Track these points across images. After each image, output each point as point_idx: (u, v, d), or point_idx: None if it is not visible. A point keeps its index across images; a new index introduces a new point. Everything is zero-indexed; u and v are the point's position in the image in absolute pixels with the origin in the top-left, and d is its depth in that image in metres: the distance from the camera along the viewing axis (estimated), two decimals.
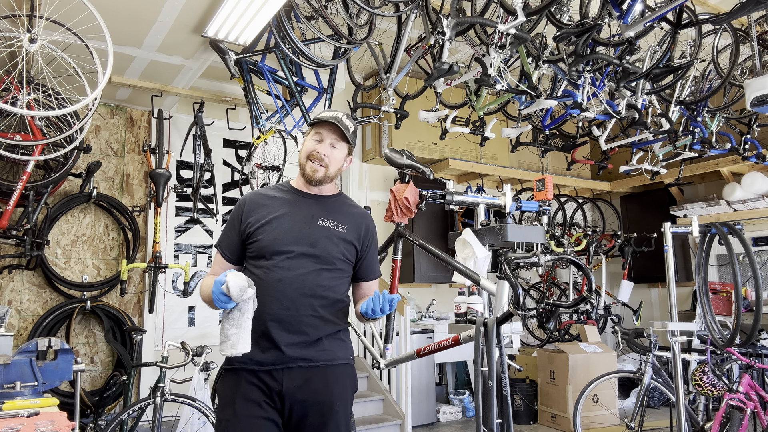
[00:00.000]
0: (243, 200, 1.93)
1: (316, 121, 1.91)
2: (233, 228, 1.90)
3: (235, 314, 1.62)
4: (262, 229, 1.84)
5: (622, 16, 2.94)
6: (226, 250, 1.90)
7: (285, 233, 1.84)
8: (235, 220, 1.89)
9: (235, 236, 1.89)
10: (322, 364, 1.81)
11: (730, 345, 3.19)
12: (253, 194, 1.95)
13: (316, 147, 1.89)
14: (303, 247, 1.83)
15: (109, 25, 3.24)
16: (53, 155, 3.82)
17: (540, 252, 1.87)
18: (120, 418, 3.35)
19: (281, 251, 1.82)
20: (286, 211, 1.88)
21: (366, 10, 3.36)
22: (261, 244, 1.83)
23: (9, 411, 1.81)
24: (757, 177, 5.58)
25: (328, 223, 1.90)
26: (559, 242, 6.08)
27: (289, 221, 1.86)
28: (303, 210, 1.90)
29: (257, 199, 1.91)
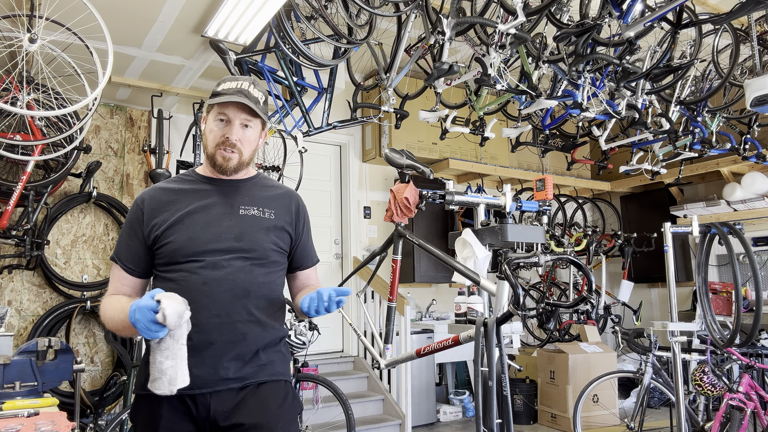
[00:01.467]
0: (140, 200, 1.60)
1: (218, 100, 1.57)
2: (133, 235, 1.57)
3: (167, 343, 1.32)
4: (172, 229, 1.54)
5: (622, 16, 2.95)
6: (128, 263, 1.57)
7: (201, 230, 1.55)
8: (135, 225, 1.57)
9: (137, 244, 1.56)
10: (257, 381, 1.54)
11: (730, 345, 3.19)
12: (152, 190, 1.63)
13: (224, 132, 1.59)
14: (227, 243, 1.55)
15: (109, 25, 3.24)
16: (53, 155, 3.82)
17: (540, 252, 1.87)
18: (120, 418, 3.35)
19: (201, 251, 1.53)
20: (198, 204, 1.59)
21: (366, 10, 3.36)
22: (173, 246, 1.53)
23: (9, 411, 1.82)
24: (757, 177, 5.58)
25: (253, 211, 1.63)
26: (559, 242, 6.08)
27: (204, 216, 1.57)
28: (219, 200, 1.61)
29: (158, 196, 1.60)
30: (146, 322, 1.29)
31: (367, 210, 5.97)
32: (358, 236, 5.85)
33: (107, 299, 1.55)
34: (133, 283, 1.59)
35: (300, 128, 4.28)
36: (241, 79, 1.63)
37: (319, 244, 5.70)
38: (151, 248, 1.56)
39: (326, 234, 5.80)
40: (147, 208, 1.58)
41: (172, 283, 1.51)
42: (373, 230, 5.97)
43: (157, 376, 1.33)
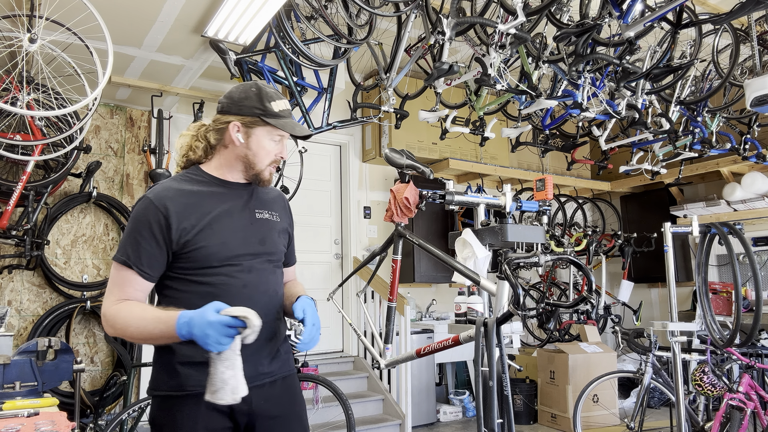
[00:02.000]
0: (159, 202, 1.51)
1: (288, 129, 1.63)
2: (152, 240, 1.49)
3: (227, 354, 1.34)
4: (203, 234, 1.52)
5: (622, 16, 2.95)
6: (147, 268, 1.49)
7: (232, 234, 1.57)
8: (155, 229, 1.49)
9: (157, 250, 1.49)
10: (282, 375, 1.64)
11: (730, 345, 3.19)
12: (166, 192, 1.54)
13: (278, 151, 1.65)
14: (254, 247, 1.60)
15: (109, 25, 3.24)
16: (53, 155, 3.82)
17: (540, 252, 1.87)
18: (120, 418, 3.35)
19: (235, 255, 1.56)
20: (222, 208, 1.59)
21: (366, 10, 3.36)
22: (208, 251, 1.52)
23: (9, 411, 1.82)
24: (757, 177, 5.58)
25: (265, 215, 1.67)
26: (559, 242, 6.08)
27: (230, 220, 1.58)
28: (237, 204, 1.62)
29: (179, 198, 1.54)
30: (220, 336, 1.31)
31: (367, 210, 5.97)
32: (358, 236, 5.85)
33: (123, 305, 1.46)
34: (147, 288, 1.52)
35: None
36: (283, 97, 1.65)
37: (319, 244, 5.70)
38: (175, 253, 1.52)
39: (326, 234, 5.79)
40: (172, 212, 1.51)
41: (209, 286, 1.52)
42: (373, 230, 5.97)
43: (219, 387, 1.34)
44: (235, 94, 1.63)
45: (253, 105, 1.59)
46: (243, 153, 1.61)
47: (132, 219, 1.53)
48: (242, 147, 1.61)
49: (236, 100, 1.61)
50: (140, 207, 1.52)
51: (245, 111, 1.59)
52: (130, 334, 1.44)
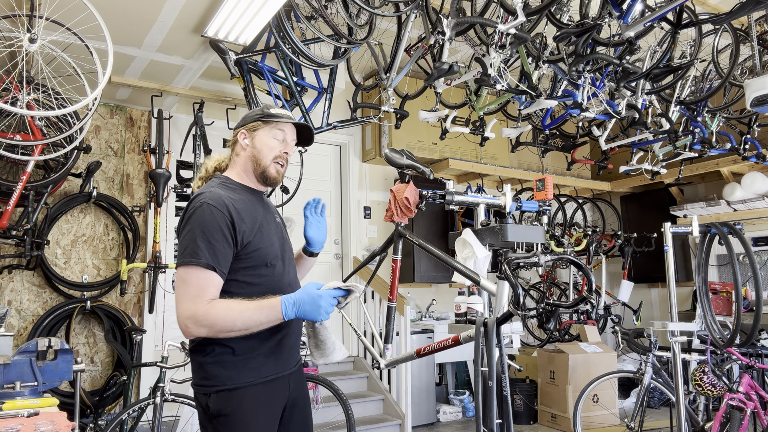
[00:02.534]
0: (218, 206, 1.64)
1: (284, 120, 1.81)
2: (224, 241, 1.61)
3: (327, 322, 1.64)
4: (258, 236, 1.70)
5: (622, 16, 2.95)
6: (225, 268, 1.62)
7: (272, 237, 1.77)
8: (225, 230, 1.62)
9: (229, 250, 1.63)
10: (300, 364, 1.88)
11: (730, 345, 3.19)
12: (221, 197, 1.68)
13: (282, 147, 1.82)
14: (283, 247, 1.83)
15: (109, 25, 3.24)
16: (53, 155, 3.82)
17: (540, 252, 1.87)
18: (120, 418, 3.35)
19: (276, 256, 1.75)
20: (260, 212, 1.78)
21: (366, 10, 3.36)
22: (262, 252, 1.69)
23: (9, 411, 1.81)
24: (757, 177, 5.58)
25: (278, 219, 1.91)
26: (559, 242, 6.08)
27: (267, 224, 1.78)
28: (264, 210, 1.83)
29: (233, 203, 1.68)
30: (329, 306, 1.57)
31: (367, 210, 5.97)
32: (358, 236, 5.85)
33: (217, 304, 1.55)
34: (221, 286, 1.62)
35: None
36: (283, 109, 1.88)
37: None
38: (237, 253, 1.65)
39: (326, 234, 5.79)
40: (234, 214, 1.65)
41: (260, 287, 1.68)
42: (373, 230, 5.97)
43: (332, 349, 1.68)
44: (246, 115, 1.89)
45: (255, 114, 1.84)
46: (250, 153, 1.82)
47: (198, 223, 1.61)
48: (249, 148, 1.82)
49: (244, 117, 1.88)
50: (205, 212, 1.62)
51: (249, 120, 1.85)
52: (237, 328, 1.55)
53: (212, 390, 1.63)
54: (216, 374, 1.64)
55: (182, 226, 1.67)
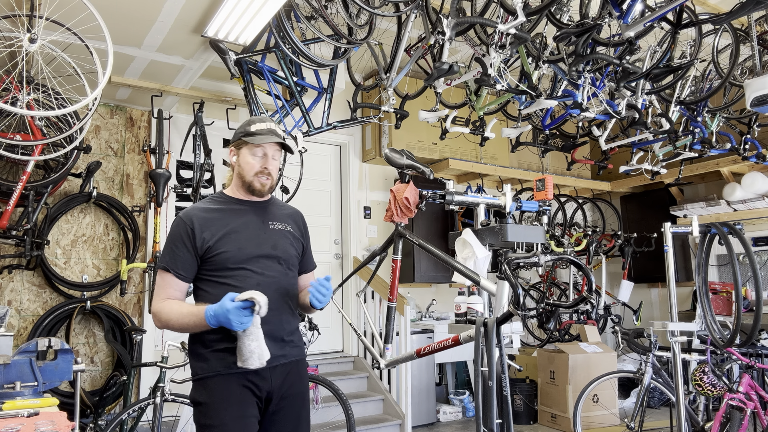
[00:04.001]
0: (187, 218, 1.90)
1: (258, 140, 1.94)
2: (183, 248, 1.87)
3: (251, 329, 1.70)
4: (222, 241, 1.88)
5: (622, 16, 2.95)
6: (182, 271, 1.87)
7: (246, 241, 1.91)
8: (185, 239, 1.87)
9: (188, 255, 1.87)
10: (295, 359, 1.97)
11: (730, 345, 3.19)
12: (192, 211, 1.93)
13: (262, 163, 1.97)
14: (266, 250, 1.94)
15: (109, 25, 3.24)
16: (53, 155, 3.82)
17: (540, 252, 1.87)
18: (120, 418, 3.35)
19: (248, 258, 1.90)
20: (239, 221, 1.95)
21: (366, 10, 3.36)
22: (226, 255, 1.87)
23: (9, 411, 1.81)
24: (757, 177, 5.58)
25: (278, 226, 2.03)
26: (559, 242, 6.08)
27: (245, 230, 1.94)
28: (253, 218, 1.99)
29: (200, 215, 1.92)
30: (240, 318, 1.67)
31: (367, 210, 5.97)
32: (358, 236, 5.85)
33: (166, 304, 1.83)
34: (183, 288, 1.89)
35: (300, 128, 4.28)
36: (267, 120, 2.00)
37: (319, 244, 5.70)
38: (202, 257, 1.88)
39: (326, 234, 5.80)
40: (195, 225, 1.88)
41: (229, 286, 1.82)
42: (373, 230, 5.97)
43: (247, 356, 1.71)
44: (236, 131, 2.03)
45: (240, 132, 1.99)
46: (237, 171, 2.02)
47: (169, 234, 1.92)
48: (236, 166, 2.02)
49: (235, 133, 2.02)
50: (174, 224, 1.92)
51: (235, 138, 2.01)
52: (173, 326, 1.81)
53: (194, 379, 1.87)
54: (194, 365, 1.88)
55: None
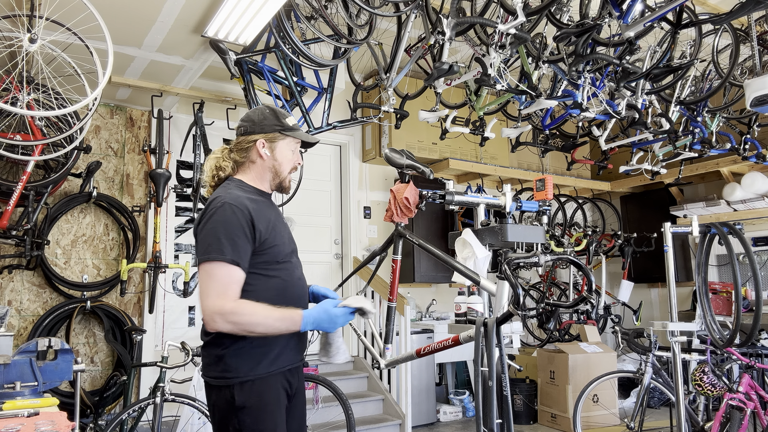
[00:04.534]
0: (240, 206, 1.74)
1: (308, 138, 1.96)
2: (244, 238, 1.71)
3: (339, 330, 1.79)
4: (273, 234, 1.80)
5: (622, 16, 2.94)
6: (246, 264, 1.72)
7: (284, 236, 1.89)
8: (246, 229, 1.72)
9: (248, 247, 1.73)
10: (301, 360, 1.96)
11: (730, 345, 3.19)
12: (240, 198, 1.78)
13: (297, 159, 1.96)
14: (293, 246, 1.95)
15: (109, 25, 3.24)
16: (53, 155, 3.82)
17: (540, 252, 1.87)
18: (120, 418, 3.35)
19: (290, 252, 1.89)
20: (272, 214, 1.89)
21: (366, 10, 3.36)
22: (277, 249, 1.81)
23: (9, 411, 1.81)
24: (757, 177, 5.58)
25: (285, 220, 2.03)
26: (559, 242, 6.08)
27: (280, 224, 1.90)
28: (277, 211, 1.97)
29: (250, 204, 1.78)
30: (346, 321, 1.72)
31: (367, 210, 5.97)
32: (358, 236, 5.85)
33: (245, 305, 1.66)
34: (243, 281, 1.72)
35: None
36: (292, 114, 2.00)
37: (319, 244, 5.70)
38: (255, 250, 1.75)
39: (326, 234, 5.79)
40: (253, 215, 1.75)
41: (277, 279, 1.80)
42: (373, 230, 5.97)
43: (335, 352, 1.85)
44: (255, 117, 1.91)
45: (273, 123, 1.89)
46: (271, 164, 1.90)
47: (221, 222, 1.70)
48: (269, 159, 1.90)
49: (257, 121, 1.89)
50: (227, 212, 1.71)
51: (267, 129, 1.89)
52: (255, 330, 1.66)
53: (235, 381, 1.70)
54: (237, 366, 1.71)
55: (202, 225, 1.75)
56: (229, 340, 1.71)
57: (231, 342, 1.71)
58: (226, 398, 1.71)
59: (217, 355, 1.73)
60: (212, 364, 1.75)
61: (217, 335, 1.72)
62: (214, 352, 1.74)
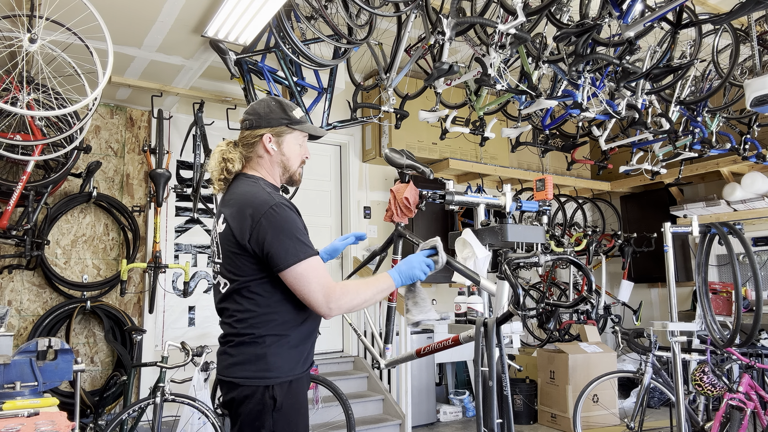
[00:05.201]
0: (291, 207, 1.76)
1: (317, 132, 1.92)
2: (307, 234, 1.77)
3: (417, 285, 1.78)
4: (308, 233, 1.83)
5: (622, 16, 2.94)
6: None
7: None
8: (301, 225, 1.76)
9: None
10: None
11: (730, 345, 3.19)
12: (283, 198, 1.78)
13: (305, 152, 1.92)
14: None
15: (109, 25, 3.24)
16: (53, 155, 3.82)
17: (540, 252, 1.87)
18: (120, 418, 3.35)
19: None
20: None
21: (366, 10, 3.36)
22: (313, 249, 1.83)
23: (9, 411, 1.81)
24: (757, 177, 5.58)
25: None
26: (559, 242, 6.08)
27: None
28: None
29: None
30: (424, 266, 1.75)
31: (367, 210, 5.97)
32: None
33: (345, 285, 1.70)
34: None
35: None
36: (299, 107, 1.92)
37: (319, 244, 5.67)
38: None
39: (326, 234, 5.79)
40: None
41: None
42: (373, 230, 5.97)
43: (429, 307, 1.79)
44: (260, 110, 1.83)
45: (279, 116, 1.82)
46: (279, 159, 1.85)
47: (287, 222, 1.69)
48: (277, 154, 1.84)
49: (263, 115, 1.82)
50: (287, 212, 1.71)
51: (274, 123, 1.82)
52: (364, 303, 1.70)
53: (276, 381, 1.67)
54: (279, 365, 1.68)
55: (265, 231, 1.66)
56: (271, 338, 1.68)
57: (273, 340, 1.68)
58: (262, 399, 1.65)
59: (256, 353, 1.68)
60: (247, 362, 1.68)
61: (255, 333, 1.68)
62: (252, 350, 1.68)
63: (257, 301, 1.69)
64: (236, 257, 1.70)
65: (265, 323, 1.68)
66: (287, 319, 1.71)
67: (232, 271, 1.72)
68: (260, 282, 1.70)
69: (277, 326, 1.69)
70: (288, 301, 1.71)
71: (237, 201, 1.74)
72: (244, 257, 1.69)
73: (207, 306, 4.95)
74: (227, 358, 1.73)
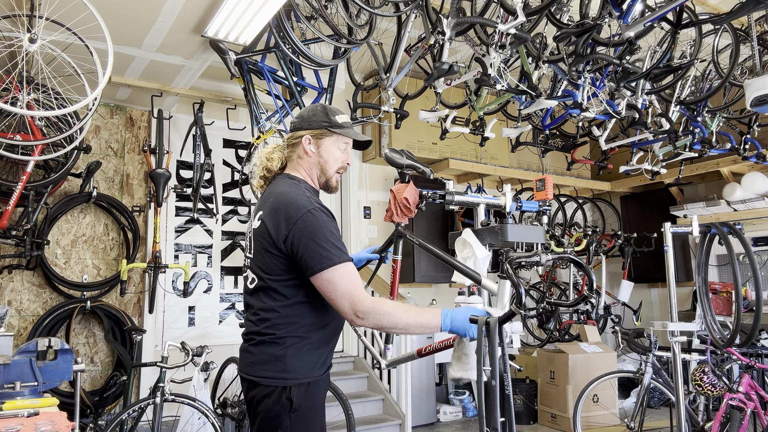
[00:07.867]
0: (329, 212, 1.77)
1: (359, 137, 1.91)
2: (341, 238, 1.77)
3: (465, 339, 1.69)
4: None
5: (622, 16, 2.95)
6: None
7: None
8: (336, 231, 1.74)
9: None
10: None
11: (730, 345, 3.19)
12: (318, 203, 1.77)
13: (346, 158, 1.90)
14: None
15: (109, 25, 3.24)
16: (53, 155, 3.82)
17: (540, 252, 1.87)
18: (120, 418, 3.35)
19: None
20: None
21: (366, 10, 3.36)
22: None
23: (9, 411, 1.81)
24: (757, 177, 5.58)
25: None
26: (559, 242, 6.08)
27: None
28: None
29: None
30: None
31: (367, 210, 5.97)
32: (358, 236, 5.84)
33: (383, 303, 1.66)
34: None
35: None
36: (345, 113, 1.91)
37: None
38: None
39: None
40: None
41: None
42: (373, 230, 5.97)
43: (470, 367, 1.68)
44: (304, 114, 1.90)
45: (320, 119, 1.86)
46: (316, 161, 1.88)
47: (323, 227, 1.68)
48: (315, 156, 1.87)
49: (306, 117, 1.88)
50: (323, 216, 1.71)
51: (314, 125, 1.86)
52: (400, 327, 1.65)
53: (294, 383, 1.69)
54: (298, 367, 1.70)
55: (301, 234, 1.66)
56: (291, 339, 1.70)
57: (293, 342, 1.70)
58: (280, 399, 1.67)
59: (275, 354, 1.70)
60: (266, 362, 1.71)
61: (276, 334, 1.70)
62: (271, 350, 1.70)
63: (281, 302, 1.71)
64: (268, 255, 1.72)
65: (286, 325, 1.71)
66: (309, 322, 1.73)
67: (262, 267, 1.74)
68: (286, 283, 1.72)
69: (299, 328, 1.71)
70: (311, 304, 1.73)
71: (275, 201, 1.76)
72: (276, 257, 1.71)
73: (207, 306, 4.95)
74: (249, 356, 1.76)
